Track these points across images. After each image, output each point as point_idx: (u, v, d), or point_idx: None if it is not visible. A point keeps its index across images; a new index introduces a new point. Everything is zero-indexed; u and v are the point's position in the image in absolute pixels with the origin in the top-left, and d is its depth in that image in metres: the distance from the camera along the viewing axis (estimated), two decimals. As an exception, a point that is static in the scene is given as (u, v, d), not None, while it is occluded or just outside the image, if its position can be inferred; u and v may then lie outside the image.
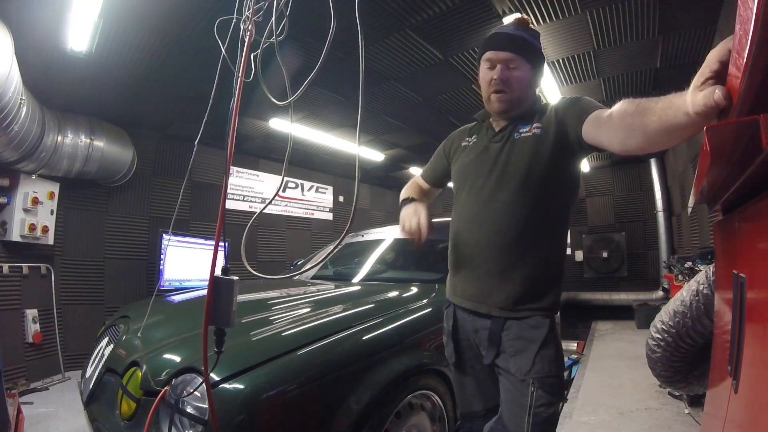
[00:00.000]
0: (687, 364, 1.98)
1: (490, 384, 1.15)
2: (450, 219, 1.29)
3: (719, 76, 0.57)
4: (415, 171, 6.38)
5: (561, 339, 1.11)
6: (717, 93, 0.54)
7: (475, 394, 1.19)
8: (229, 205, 5.08)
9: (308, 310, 1.56)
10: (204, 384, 0.86)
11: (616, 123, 0.84)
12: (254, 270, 0.87)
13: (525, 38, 1.10)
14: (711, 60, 0.57)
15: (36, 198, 3.19)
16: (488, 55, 1.11)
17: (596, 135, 0.93)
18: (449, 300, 1.23)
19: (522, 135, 1.10)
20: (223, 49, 1.11)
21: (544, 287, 1.06)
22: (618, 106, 0.84)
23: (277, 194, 2.30)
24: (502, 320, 1.07)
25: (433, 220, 1.20)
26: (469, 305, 1.14)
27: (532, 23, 1.15)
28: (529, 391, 0.99)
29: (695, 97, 0.59)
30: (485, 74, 1.12)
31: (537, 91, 1.20)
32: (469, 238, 1.13)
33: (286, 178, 5.87)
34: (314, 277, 2.54)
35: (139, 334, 1.44)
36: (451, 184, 1.34)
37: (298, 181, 6.07)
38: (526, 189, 1.05)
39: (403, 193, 1.39)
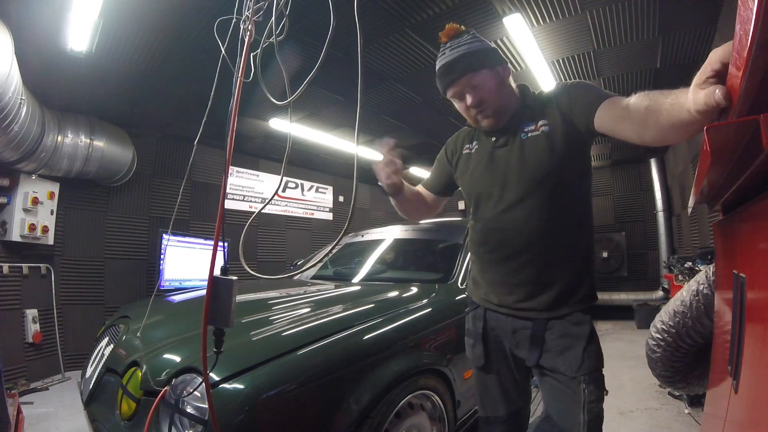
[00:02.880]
0: (687, 364, 1.98)
1: (513, 387, 1.15)
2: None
3: (720, 76, 0.57)
4: (415, 171, 6.37)
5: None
6: (717, 93, 0.55)
7: (498, 399, 1.18)
8: (229, 205, 5.08)
9: (308, 310, 1.56)
10: (204, 384, 0.86)
11: (633, 117, 0.85)
12: (254, 270, 0.87)
13: (463, 53, 1.03)
14: (713, 59, 0.58)
15: (36, 198, 3.19)
16: (450, 93, 1.09)
17: (612, 126, 0.92)
18: (477, 303, 1.22)
19: (530, 135, 1.07)
20: (222, 49, 1.11)
21: (579, 283, 1.06)
22: (634, 100, 0.85)
23: (276, 194, 2.29)
24: (543, 321, 1.06)
25: (434, 221, 1.21)
26: (508, 312, 1.13)
27: (460, 27, 1.09)
28: (581, 388, 0.99)
29: (697, 95, 0.60)
30: (460, 105, 1.10)
31: (513, 82, 1.13)
32: (498, 248, 1.11)
33: (285, 178, 5.87)
34: (314, 277, 2.54)
35: (139, 334, 1.44)
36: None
37: (298, 181, 6.07)
38: (547, 189, 1.04)
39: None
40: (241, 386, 1.02)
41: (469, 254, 1.37)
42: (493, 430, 1.19)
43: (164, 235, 3.93)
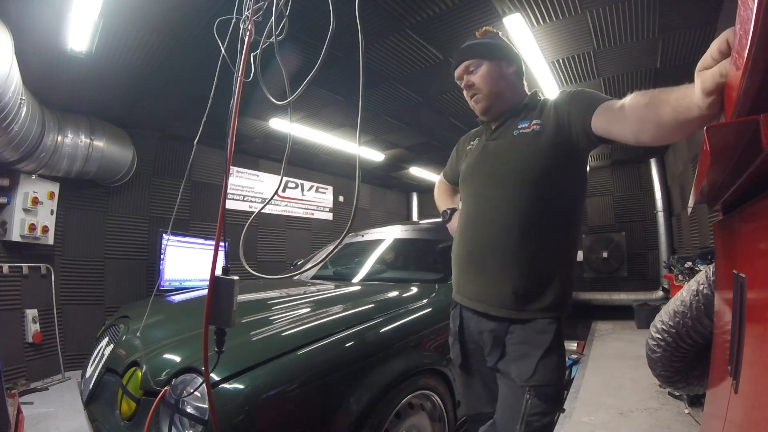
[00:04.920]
0: (687, 364, 1.98)
1: (497, 387, 1.14)
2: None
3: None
4: (415, 171, 6.37)
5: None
6: (723, 65, 0.56)
7: (482, 397, 1.18)
8: (229, 205, 5.08)
9: (308, 310, 1.56)
10: (204, 384, 0.86)
11: (630, 116, 0.84)
12: (254, 270, 0.87)
13: (474, 43, 1.16)
14: (712, 49, 0.59)
15: (36, 198, 3.19)
16: (455, 74, 1.20)
17: (608, 127, 0.93)
18: (455, 300, 1.22)
19: (521, 131, 1.09)
20: (222, 49, 1.11)
21: (545, 286, 1.03)
22: (630, 99, 0.85)
23: (275, 194, 2.30)
24: (506, 323, 1.04)
25: (429, 221, 1.22)
26: (469, 303, 1.13)
27: (491, 30, 1.23)
28: (524, 399, 0.98)
29: (704, 77, 0.60)
30: (463, 91, 1.19)
31: (525, 84, 1.21)
32: (470, 235, 1.13)
33: (285, 178, 5.87)
34: (314, 277, 2.54)
35: (139, 334, 1.44)
36: None
37: (298, 181, 6.07)
38: (526, 185, 1.04)
39: (438, 201, 1.51)
40: (241, 386, 1.02)
41: None
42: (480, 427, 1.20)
43: (164, 235, 3.93)
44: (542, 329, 1.01)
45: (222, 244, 0.89)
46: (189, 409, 1.03)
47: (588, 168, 1.16)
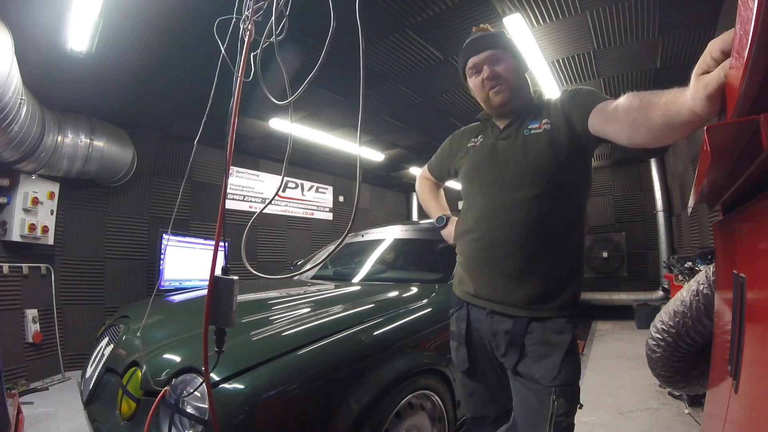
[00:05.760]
0: (687, 364, 1.98)
1: (501, 390, 1.13)
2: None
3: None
4: (415, 171, 6.37)
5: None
6: (721, 75, 0.55)
7: (485, 401, 1.17)
8: (229, 205, 5.08)
9: (308, 310, 1.56)
10: (204, 384, 0.86)
11: (622, 118, 0.84)
12: (254, 270, 0.87)
13: (496, 33, 1.14)
14: (712, 48, 0.57)
15: (36, 198, 3.19)
16: (471, 62, 1.13)
17: (603, 129, 0.93)
18: (461, 301, 1.19)
19: (533, 132, 1.08)
20: (222, 49, 1.11)
21: (562, 285, 1.03)
22: (623, 100, 0.85)
23: (276, 194, 2.30)
24: (525, 321, 1.03)
25: (429, 221, 1.20)
26: (486, 305, 1.10)
27: (490, 28, 1.21)
28: (550, 400, 0.97)
29: (698, 86, 0.59)
30: (475, 81, 1.13)
31: (531, 84, 1.20)
32: (484, 237, 1.10)
33: (286, 178, 5.87)
34: (314, 277, 2.53)
35: (139, 334, 1.44)
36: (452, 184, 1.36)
37: (298, 181, 6.07)
38: (543, 185, 1.04)
39: (426, 200, 1.49)
40: (241, 386, 1.02)
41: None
42: (482, 431, 1.19)
43: (164, 235, 3.93)
44: (561, 329, 1.01)
45: (222, 244, 0.89)
46: (189, 409, 1.03)
47: (591, 166, 1.16)
